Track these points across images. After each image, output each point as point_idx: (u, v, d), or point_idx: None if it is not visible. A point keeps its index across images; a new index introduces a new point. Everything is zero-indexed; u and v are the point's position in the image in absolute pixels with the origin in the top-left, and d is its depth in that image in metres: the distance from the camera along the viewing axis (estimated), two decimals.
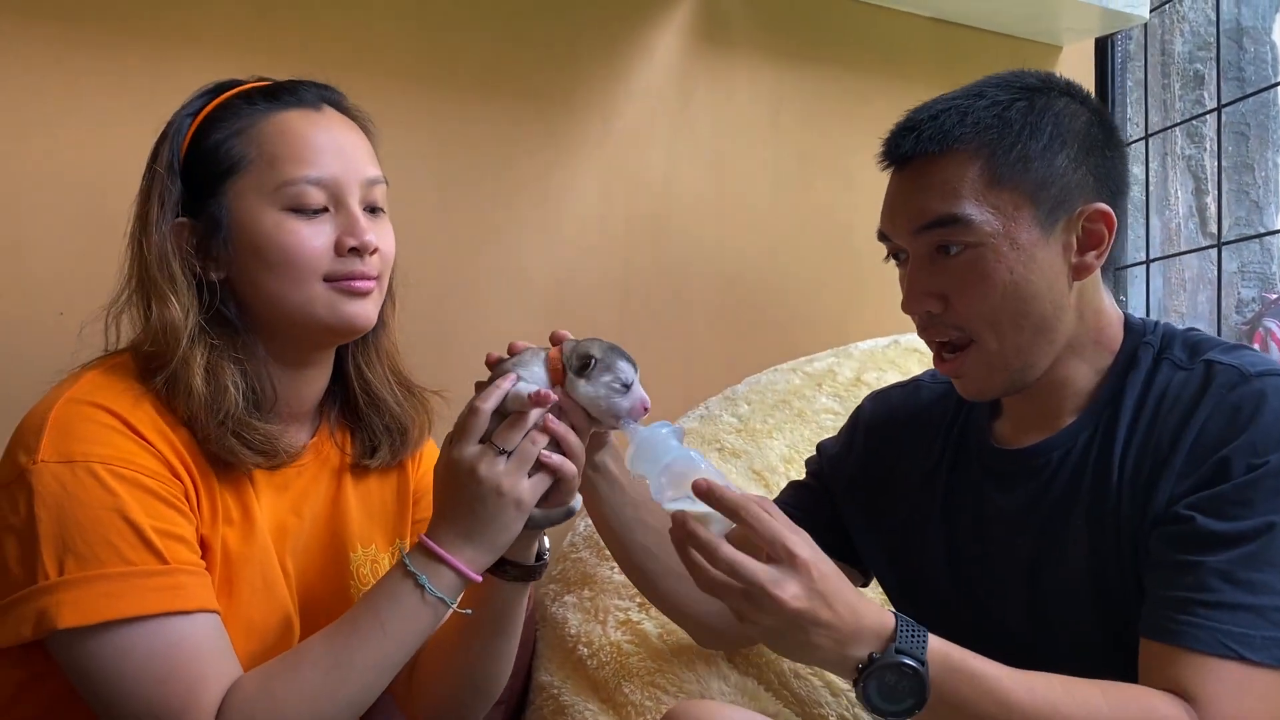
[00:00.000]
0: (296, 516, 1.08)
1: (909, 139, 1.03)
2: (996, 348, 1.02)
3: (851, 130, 2.11)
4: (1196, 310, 2.68)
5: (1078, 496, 1.03)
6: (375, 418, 1.13)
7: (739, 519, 0.88)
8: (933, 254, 1.03)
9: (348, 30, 1.66)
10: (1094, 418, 1.05)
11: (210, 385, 0.98)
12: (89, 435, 0.93)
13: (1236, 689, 0.88)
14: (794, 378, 1.65)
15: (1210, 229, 2.67)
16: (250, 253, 1.01)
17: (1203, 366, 1.01)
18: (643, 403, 1.00)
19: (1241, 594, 0.90)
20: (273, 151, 1.01)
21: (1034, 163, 1.00)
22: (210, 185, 1.02)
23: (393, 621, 0.97)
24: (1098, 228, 1.02)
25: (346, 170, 1.03)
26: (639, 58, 1.93)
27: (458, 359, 1.74)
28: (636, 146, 1.92)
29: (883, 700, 0.87)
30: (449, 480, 0.98)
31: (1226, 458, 0.94)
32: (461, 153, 1.76)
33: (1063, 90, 1.06)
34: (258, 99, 1.04)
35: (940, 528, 1.14)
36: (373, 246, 1.03)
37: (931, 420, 1.19)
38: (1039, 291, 1.01)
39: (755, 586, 0.85)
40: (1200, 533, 0.93)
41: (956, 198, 1.00)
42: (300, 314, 1.02)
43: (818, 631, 0.86)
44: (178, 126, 1.05)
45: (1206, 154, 2.69)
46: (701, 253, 1.96)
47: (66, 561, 0.90)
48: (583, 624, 1.36)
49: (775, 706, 1.29)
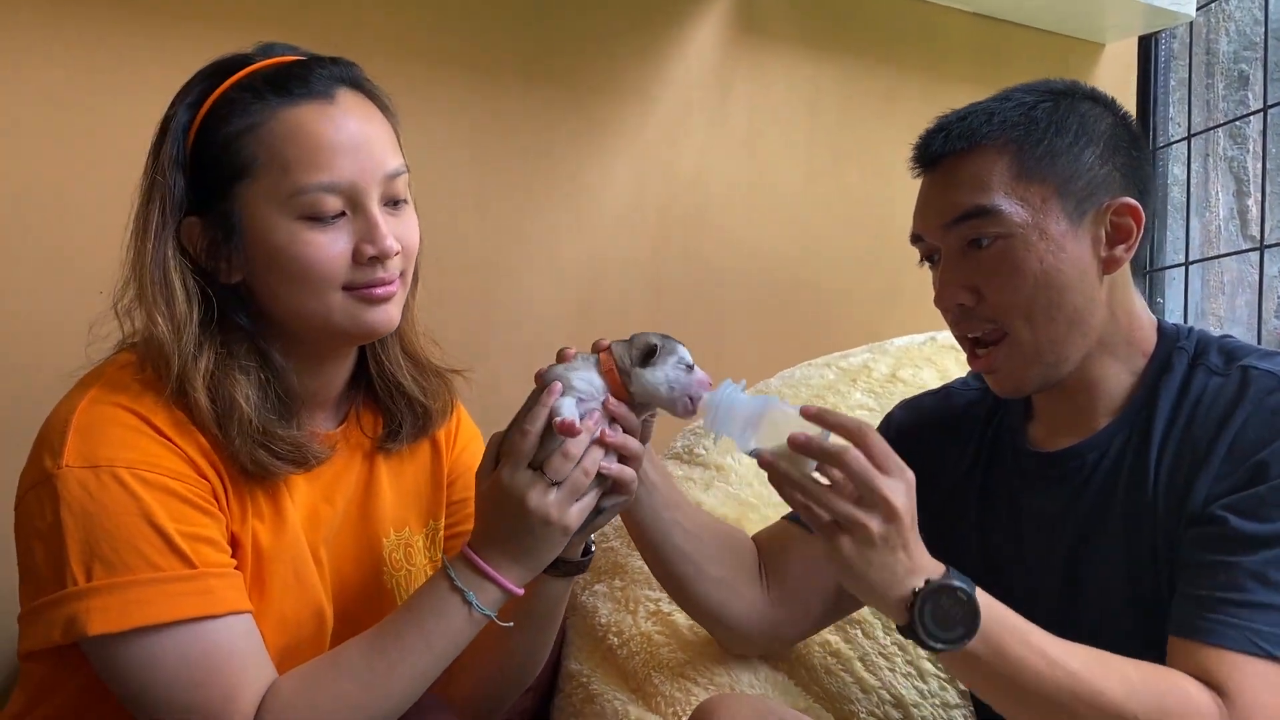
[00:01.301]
0: (329, 504, 1.07)
1: (938, 139, 1.06)
2: (1030, 338, 1.03)
3: (888, 124, 2.09)
4: (1235, 314, 2.63)
5: (1113, 499, 1.04)
6: (397, 400, 1.12)
7: (856, 438, 0.90)
8: (964, 248, 1.05)
9: (386, 17, 1.66)
10: (1129, 421, 1.06)
11: (217, 401, 0.95)
12: (113, 438, 0.92)
13: (1266, 685, 0.91)
14: (828, 373, 1.64)
15: (1251, 231, 2.62)
16: (265, 262, 0.97)
17: (1239, 372, 1.02)
18: (706, 379, 1.00)
19: (1274, 595, 0.92)
20: (284, 155, 0.95)
21: (1061, 157, 1.03)
22: (220, 185, 0.97)
23: (437, 636, 0.97)
24: (1126, 221, 1.04)
25: (364, 170, 0.97)
26: (676, 49, 1.92)
27: (493, 345, 1.76)
28: (672, 137, 1.91)
29: (936, 626, 0.90)
30: (498, 504, 0.97)
31: (1264, 461, 0.96)
32: (498, 141, 1.76)
33: (1087, 95, 1.09)
34: (265, 90, 0.97)
35: (975, 530, 1.15)
36: (394, 252, 0.99)
37: (964, 425, 1.21)
38: (1070, 282, 1.02)
39: (875, 491, 0.88)
40: (1234, 533, 0.95)
41: (986, 190, 1.02)
42: (319, 321, 0.99)
43: (898, 551, 0.90)
44: (180, 119, 0.99)
45: (1249, 155, 2.64)
46: (735, 245, 1.95)
47: (94, 568, 0.89)
48: (613, 613, 1.35)
49: (805, 701, 1.29)
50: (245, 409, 0.95)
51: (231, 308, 0.99)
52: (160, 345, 0.95)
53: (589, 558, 1.10)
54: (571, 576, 1.09)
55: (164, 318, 0.95)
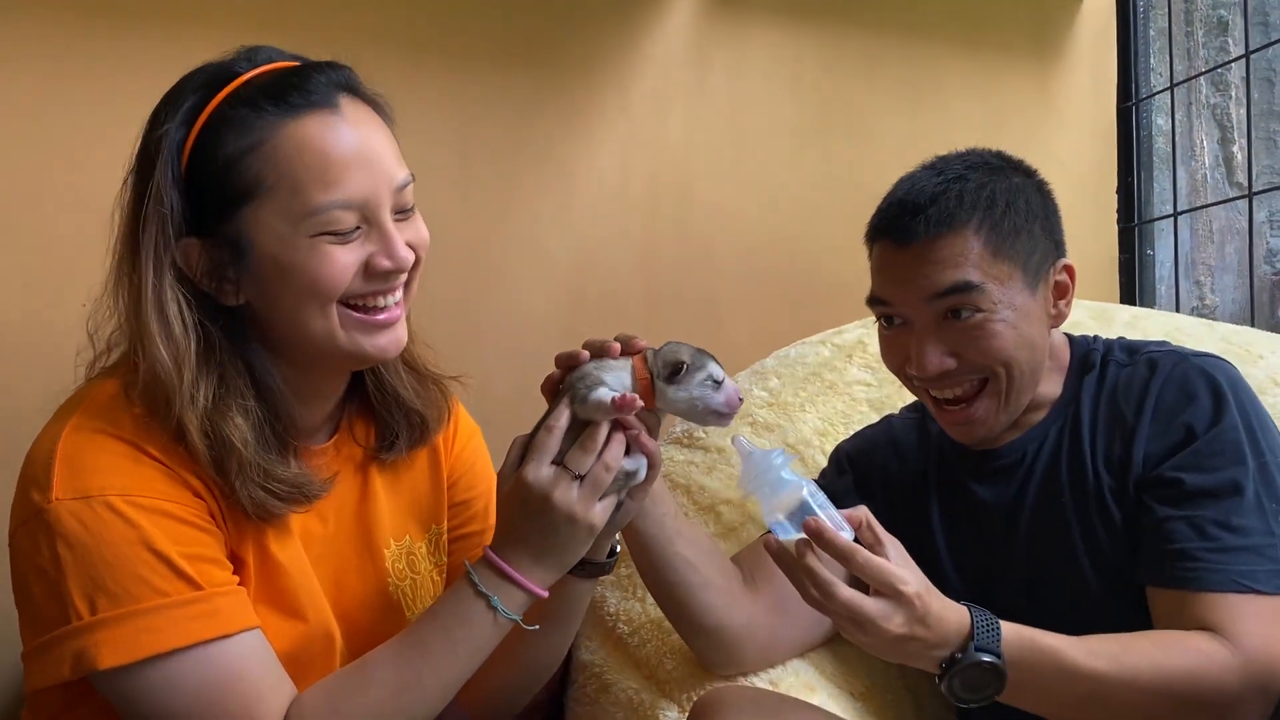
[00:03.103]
0: (320, 521, 1.05)
1: (918, 222, 1.14)
2: (1006, 389, 1.15)
3: (872, 89, 2.08)
4: (1225, 262, 2.63)
5: (1058, 481, 1.17)
6: (393, 409, 1.10)
7: (849, 564, 0.94)
8: (940, 320, 1.14)
9: (359, 8, 1.64)
10: (1061, 414, 1.20)
11: (213, 444, 0.92)
12: (101, 466, 0.90)
13: (1259, 618, 1.01)
14: (823, 350, 1.63)
15: (1238, 178, 2.62)
16: (275, 282, 0.94)
17: (1144, 360, 1.18)
18: (737, 395, 1.00)
19: (1239, 538, 1.04)
20: (294, 175, 0.92)
21: (1022, 235, 1.15)
22: (223, 207, 0.93)
23: (463, 642, 0.96)
24: (1064, 280, 1.20)
25: (377, 184, 0.95)
26: (654, 24, 1.90)
27: (481, 335, 1.75)
28: (655, 114, 1.89)
29: (966, 692, 0.96)
30: (522, 503, 0.96)
31: (1188, 423, 1.11)
32: (479, 127, 1.74)
33: (1014, 166, 1.22)
34: (264, 103, 0.93)
35: (938, 528, 1.25)
36: (409, 263, 0.97)
37: (910, 441, 1.33)
38: (1034, 341, 1.16)
39: (866, 620, 0.93)
40: (1190, 490, 1.08)
41: (965, 268, 1.12)
42: (322, 341, 0.96)
43: (914, 645, 0.95)
44: (173, 138, 0.93)
45: (1233, 102, 2.63)
46: (724, 222, 1.94)
47: (98, 600, 0.87)
48: (621, 601, 1.36)
49: (817, 679, 1.29)
50: (243, 452, 0.92)
51: (230, 332, 0.96)
52: (155, 384, 0.91)
53: (614, 559, 1.10)
54: (595, 578, 1.09)
55: (161, 355, 0.91)
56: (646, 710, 1.23)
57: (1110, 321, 1.63)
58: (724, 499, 1.44)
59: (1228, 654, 0.98)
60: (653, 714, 1.22)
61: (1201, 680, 0.97)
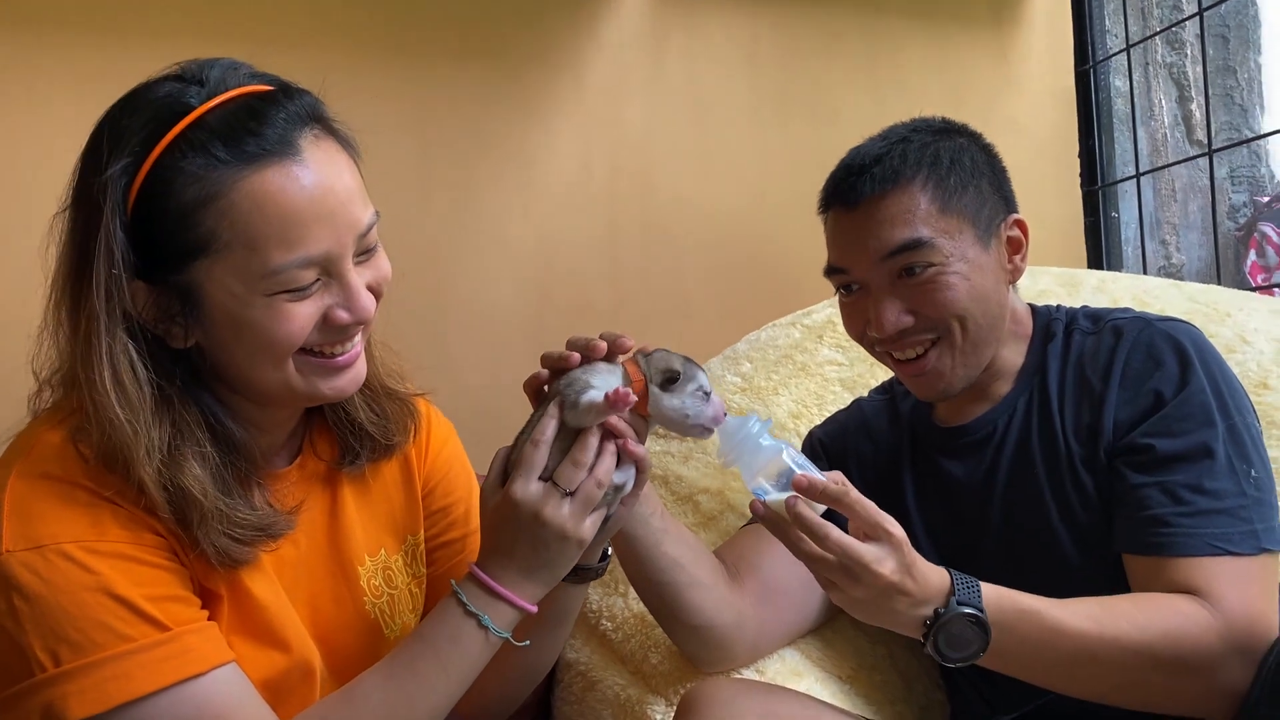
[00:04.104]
0: (292, 544, 1.01)
1: (864, 181, 1.16)
2: (960, 344, 1.16)
3: (830, 67, 2.06)
4: (1189, 219, 2.65)
5: (1030, 452, 1.17)
6: (348, 431, 1.06)
7: (842, 506, 0.95)
8: (894, 279, 1.15)
9: (307, 4, 1.61)
10: (1028, 385, 1.21)
11: (174, 498, 0.88)
12: (52, 514, 0.85)
13: (1236, 579, 1.01)
14: (794, 331, 1.62)
15: (1197, 136, 2.63)
16: (229, 333, 0.90)
17: (1109, 327, 1.18)
18: (722, 409, 0.99)
19: (1212, 501, 1.05)
20: (251, 232, 0.85)
21: (968, 190, 1.16)
22: (174, 259, 0.87)
23: (454, 663, 0.94)
24: (1017, 235, 1.21)
25: (339, 235, 0.89)
26: (608, 10, 1.88)
27: (448, 330, 1.73)
28: (613, 102, 1.87)
29: (951, 649, 0.96)
30: (510, 520, 0.94)
31: (1156, 389, 1.11)
32: (435, 123, 1.72)
33: (958, 130, 1.23)
34: (217, 150, 0.85)
35: (914, 506, 1.25)
36: (370, 314, 0.92)
37: (881, 423, 1.34)
38: (989, 294, 1.16)
39: (859, 564, 0.93)
40: (1162, 455, 1.08)
41: (915, 224, 1.14)
42: (279, 388, 0.93)
43: (900, 599, 0.95)
44: (119, 183, 0.86)
45: (1189, 60, 2.64)
46: (687, 208, 1.93)
47: (60, 651, 0.84)
48: (603, 598, 1.35)
49: (804, 665, 1.29)
50: (203, 502, 0.89)
51: (182, 377, 0.92)
52: (110, 443, 0.87)
53: (605, 562, 1.08)
54: (588, 582, 1.08)
55: (116, 414, 0.86)
56: (634, 707, 1.22)
57: (1078, 287, 1.62)
58: (702, 488, 1.43)
59: (1207, 615, 0.99)
60: (640, 710, 1.21)
61: (1182, 641, 0.98)
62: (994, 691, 1.19)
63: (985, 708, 1.20)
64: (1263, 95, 2.70)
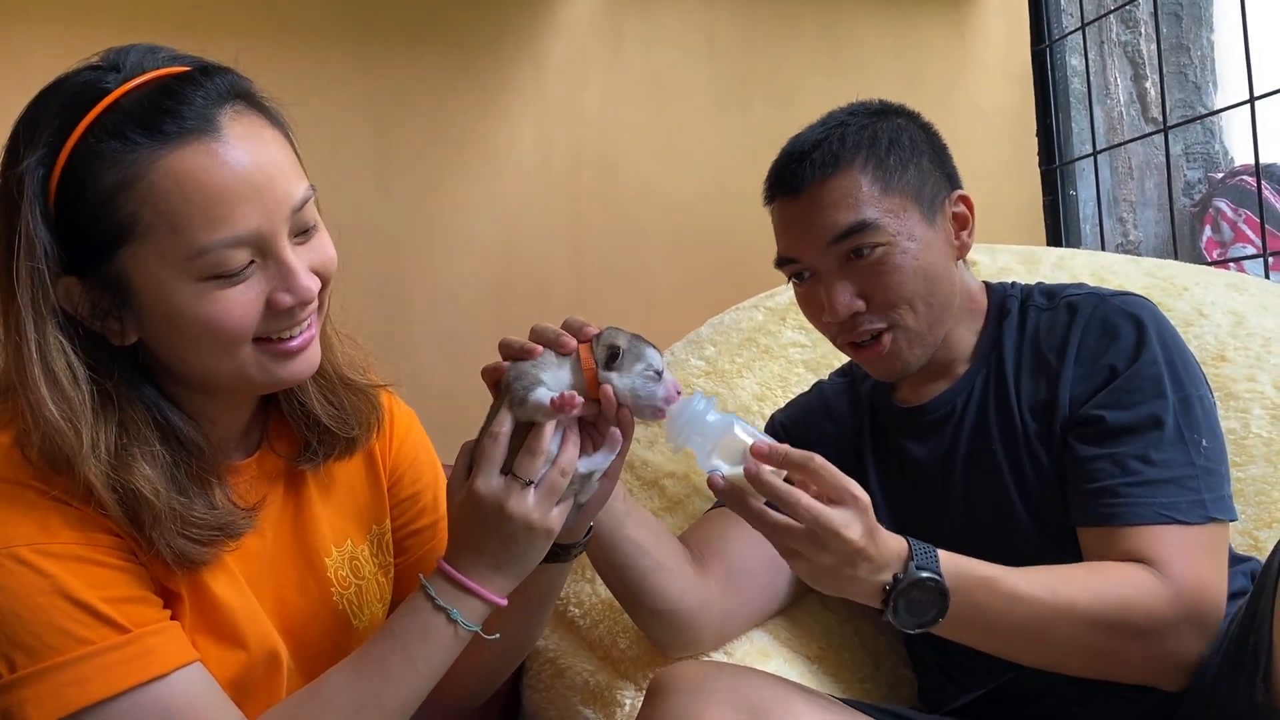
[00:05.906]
0: (258, 536, 0.99)
1: (804, 168, 1.16)
2: (914, 324, 1.16)
3: (789, 50, 2.06)
4: (1145, 196, 2.68)
5: (988, 430, 1.18)
6: (303, 424, 1.03)
7: (807, 472, 0.94)
8: (843, 263, 1.16)
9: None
10: (984, 362, 1.22)
11: (124, 500, 0.85)
12: (2, 517, 0.84)
13: (1184, 548, 1.03)
14: (757, 314, 1.63)
15: (1152, 114, 2.66)
16: (168, 325, 0.87)
17: (1064, 304, 1.19)
18: (676, 388, 0.96)
19: (1159, 471, 1.06)
20: (173, 213, 0.82)
21: (909, 169, 1.17)
22: (99, 248, 0.84)
23: (423, 658, 0.93)
24: (963, 211, 1.21)
25: (269, 212, 0.85)
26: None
27: (409, 320, 1.72)
28: (571, 87, 1.86)
29: (910, 615, 0.96)
30: (476, 514, 0.92)
31: (1110, 364, 1.12)
32: (392, 115, 1.70)
33: (894, 110, 1.24)
34: (133, 133, 0.82)
35: (877, 488, 1.26)
36: (314, 295, 0.89)
37: (841, 405, 1.35)
38: (939, 273, 1.17)
39: (828, 529, 0.92)
40: (1111, 427, 1.09)
41: (859, 206, 1.14)
42: (231, 379, 0.90)
43: (864, 565, 0.94)
44: (35, 174, 0.83)
45: (1143, 38, 2.67)
46: (649, 194, 1.92)
47: (15, 657, 0.82)
48: (571, 584, 1.34)
49: (771, 645, 1.29)
50: (155, 502, 0.86)
51: (125, 374, 0.89)
52: (52, 445, 0.84)
53: (588, 537, 1.07)
54: (569, 561, 1.06)
55: (54, 416, 0.83)
56: (604, 691, 1.22)
57: (1037, 264, 1.64)
58: (667, 472, 1.43)
59: (1157, 583, 1.01)
60: (610, 695, 1.21)
61: (1134, 608, 1.00)
62: (959, 669, 1.20)
63: (951, 685, 1.22)
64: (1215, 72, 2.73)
